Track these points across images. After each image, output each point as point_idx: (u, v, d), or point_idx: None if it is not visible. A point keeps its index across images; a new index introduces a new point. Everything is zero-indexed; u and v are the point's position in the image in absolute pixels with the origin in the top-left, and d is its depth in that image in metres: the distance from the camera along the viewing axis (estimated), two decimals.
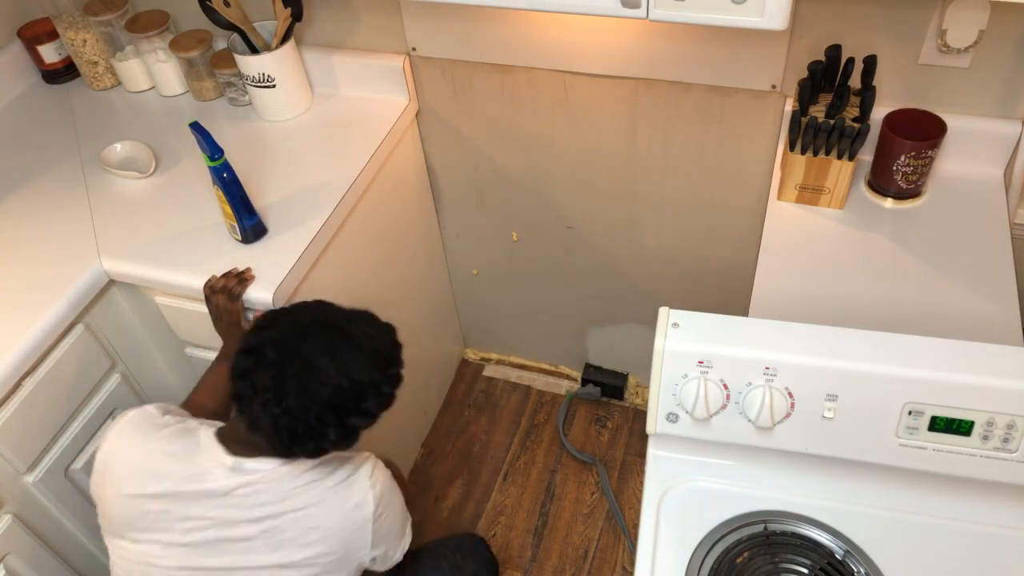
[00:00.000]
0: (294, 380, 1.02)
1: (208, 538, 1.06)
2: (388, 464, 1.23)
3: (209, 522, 1.06)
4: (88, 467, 1.39)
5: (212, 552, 1.07)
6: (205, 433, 1.10)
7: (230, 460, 1.06)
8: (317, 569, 1.10)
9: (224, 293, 1.26)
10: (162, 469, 1.06)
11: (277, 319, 1.09)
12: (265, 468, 1.07)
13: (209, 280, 1.28)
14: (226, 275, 1.28)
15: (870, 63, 1.21)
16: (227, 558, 1.07)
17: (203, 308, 1.32)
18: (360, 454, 1.16)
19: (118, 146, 1.56)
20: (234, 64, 1.58)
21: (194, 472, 1.06)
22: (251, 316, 1.30)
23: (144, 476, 1.06)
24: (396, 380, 1.10)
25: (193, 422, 1.13)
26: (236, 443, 1.08)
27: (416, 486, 1.98)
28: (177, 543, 1.06)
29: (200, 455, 1.07)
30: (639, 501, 1.70)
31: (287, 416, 1.01)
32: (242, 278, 1.28)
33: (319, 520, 1.08)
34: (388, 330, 1.13)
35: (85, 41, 1.69)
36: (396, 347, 1.12)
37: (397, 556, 1.20)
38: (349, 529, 1.10)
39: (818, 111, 1.25)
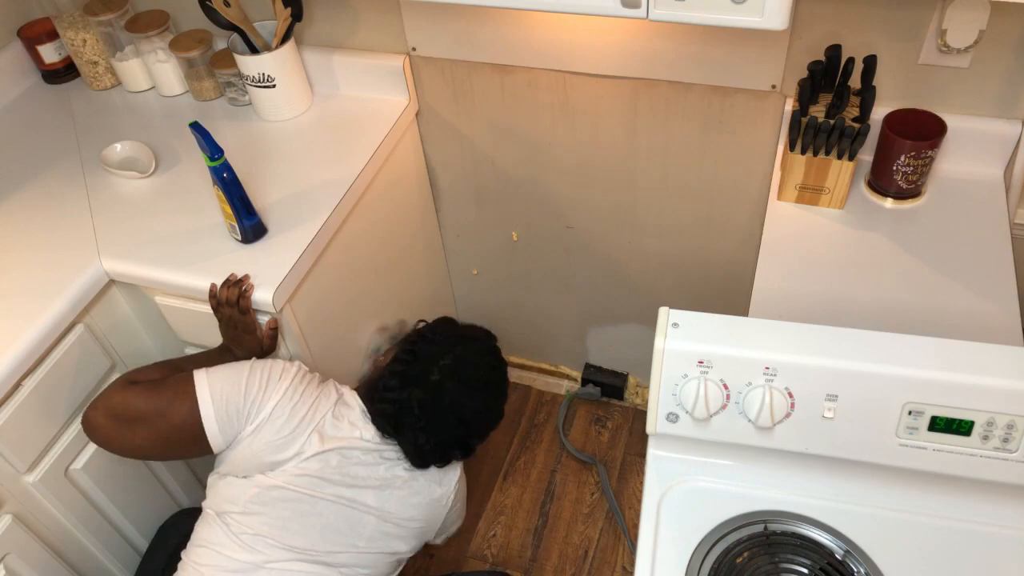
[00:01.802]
0: (453, 432, 1.28)
1: (334, 475, 1.22)
2: None
3: (341, 462, 1.23)
4: (88, 467, 1.39)
5: (333, 484, 1.22)
6: (350, 395, 1.29)
7: (378, 439, 1.25)
8: (404, 533, 1.29)
9: (233, 307, 1.26)
10: (318, 426, 1.22)
11: (444, 346, 1.30)
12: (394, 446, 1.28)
13: (212, 291, 1.28)
14: (227, 285, 1.27)
15: (870, 63, 1.21)
16: (345, 491, 1.23)
17: (203, 308, 1.32)
18: None
19: (118, 146, 1.56)
20: (234, 64, 1.58)
21: (346, 427, 1.24)
22: (264, 325, 1.31)
23: (304, 431, 1.21)
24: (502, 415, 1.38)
25: (330, 381, 1.30)
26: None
27: None
28: (310, 475, 1.21)
29: (355, 416, 1.26)
30: (639, 501, 1.70)
31: (431, 447, 1.26)
32: (243, 290, 1.27)
33: (421, 489, 1.29)
34: (505, 365, 1.38)
35: (85, 41, 1.69)
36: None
37: (453, 532, 1.46)
38: (436, 504, 1.32)
39: (818, 111, 1.25)
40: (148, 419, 1.19)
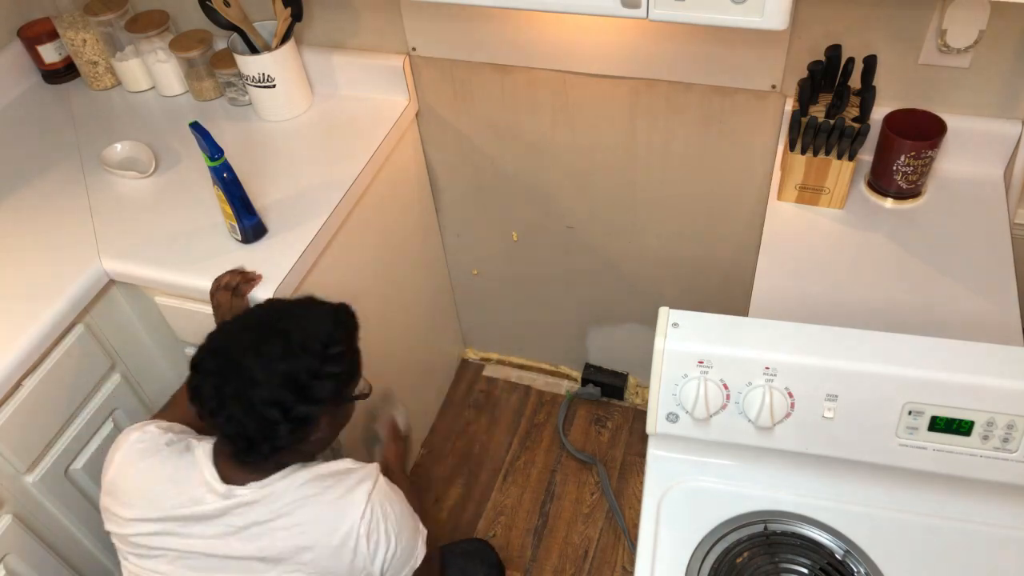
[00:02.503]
0: (231, 386, 1.01)
1: (209, 553, 1.06)
2: (400, 480, 1.22)
3: (207, 542, 1.06)
4: (88, 467, 1.40)
5: (215, 569, 1.06)
6: (202, 451, 1.09)
7: (222, 488, 1.05)
8: None
9: (229, 290, 1.25)
10: (159, 494, 1.06)
11: (220, 328, 1.08)
12: (257, 493, 1.05)
13: (218, 276, 1.27)
14: (232, 272, 1.27)
15: (870, 63, 1.21)
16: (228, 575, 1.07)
17: (203, 308, 1.32)
18: (365, 468, 1.11)
19: (118, 146, 1.56)
20: (234, 64, 1.58)
21: (189, 497, 1.06)
22: None
23: (144, 502, 1.07)
24: (340, 359, 1.05)
25: (194, 439, 1.12)
26: (227, 461, 1.07)
27: (416, 487, 1.98)
28: (180, 563, 1.07)
29: (195, 477, 1.06)
30: (639, 501, 1.70)
31: (232, 423, 1.01)
32: (248, 277, 1.27)
33: (313, 539, 1.05)
34: (326, 312, 1.08)
35: (85, 41, 1.69)
36: (337, 326, 1.07)
37: (405, 574, 1.13)
38: (341, 549, 1.05)
39: (818, 111, 1.25)
40: None
